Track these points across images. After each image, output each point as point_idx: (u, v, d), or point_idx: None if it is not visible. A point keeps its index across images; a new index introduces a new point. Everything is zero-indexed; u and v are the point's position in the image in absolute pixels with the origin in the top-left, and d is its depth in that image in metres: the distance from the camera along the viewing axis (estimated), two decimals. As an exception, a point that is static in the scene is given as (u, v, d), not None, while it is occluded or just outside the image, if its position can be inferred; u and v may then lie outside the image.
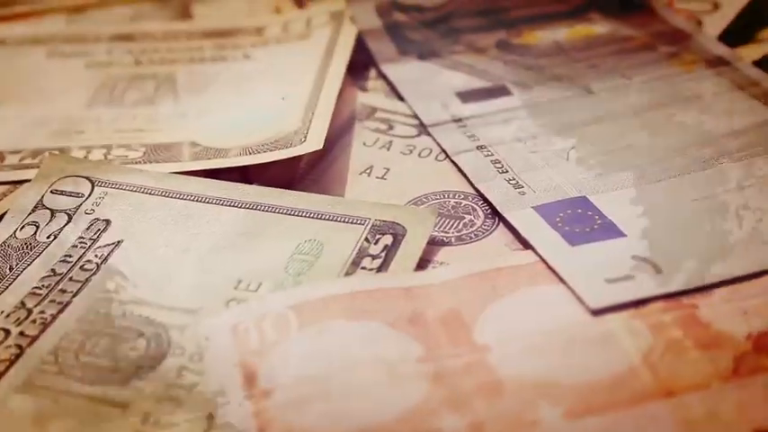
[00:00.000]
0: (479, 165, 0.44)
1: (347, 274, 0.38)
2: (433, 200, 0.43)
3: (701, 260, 0.37)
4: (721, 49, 0.52)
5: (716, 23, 0.54)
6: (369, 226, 0.40)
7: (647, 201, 0.41)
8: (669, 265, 0.37)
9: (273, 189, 0.43)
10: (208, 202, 0.42)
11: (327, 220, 0.41)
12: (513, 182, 0.42)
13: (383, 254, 0.39)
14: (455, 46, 0.53)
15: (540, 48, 0.53)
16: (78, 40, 0.58)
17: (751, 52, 0.52)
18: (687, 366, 0.33)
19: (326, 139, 0.45)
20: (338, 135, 0.47)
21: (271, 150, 0.44)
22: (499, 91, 0.49)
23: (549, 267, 0.37)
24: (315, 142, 0.44)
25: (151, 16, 0.61)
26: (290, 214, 0.41)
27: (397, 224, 0.40)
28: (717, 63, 0.50)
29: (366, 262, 0.38)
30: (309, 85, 0.49)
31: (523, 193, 0.42)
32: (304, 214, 0.41)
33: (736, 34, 0.55)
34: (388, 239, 0.39)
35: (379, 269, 0.38)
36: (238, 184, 0.43)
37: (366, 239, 0.39)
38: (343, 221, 0.40)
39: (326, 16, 0.56)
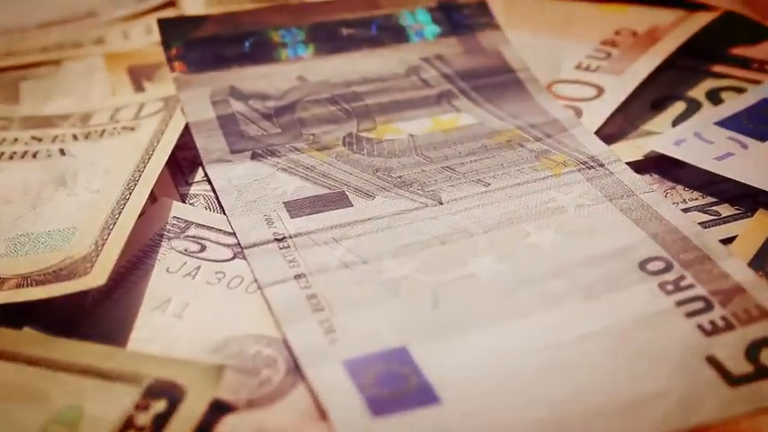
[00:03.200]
0: (292, 300, 0.38)
1: (104, 454, 0.32)
2: (231, 347, 0.37)
3: (522, 440, 0.32)
4: (597, 148, 0.46)
5: (597, 113, 0.49)
6: (143, 387, 0.35)
7: (479, 352, 0.36)
8: (485, 447, 0.31)
9: (42, 336, 0.38)
10: (-35, 351, 0.37)
11: (97, 377, 0.35)
12: (327, 324, 0.37)
13: (152, 425, 0.33)
14: (297, 142, 0.47)
15: (393, 144, 0.47)
16: None
17: (631, 150, 0.47)
18: None
19: (124, 265, 0.40)
20: (139, 259, 0.41)
21: (51, 282, 0.39)
22: (336, 201, 0.44)
23: (343, 448, 0.32)
24: (99, 275, 0.38)
25: (-25, 97, 0.56)
26: (56, 369, 0.36)
27: (177, 385, 0.34)
28: (590, 165, 0.45)
29: (130, 436, 0.33)
30: (114, 196, 0.43)
31: (334, 341, 0.36)
32: (72, 370, 0.35)
33: (620, 126, 0.50)
34: (161, 406, 0.34)
35: (144, 446, 0.33)
36: (3, 329, 0.37)
37: (137, 405, 0.34)
38: (115, 380, 0.35)
39: (161, 103, 0.51)
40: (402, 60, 0.52)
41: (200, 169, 0.47)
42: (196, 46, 0.51)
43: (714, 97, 0.51)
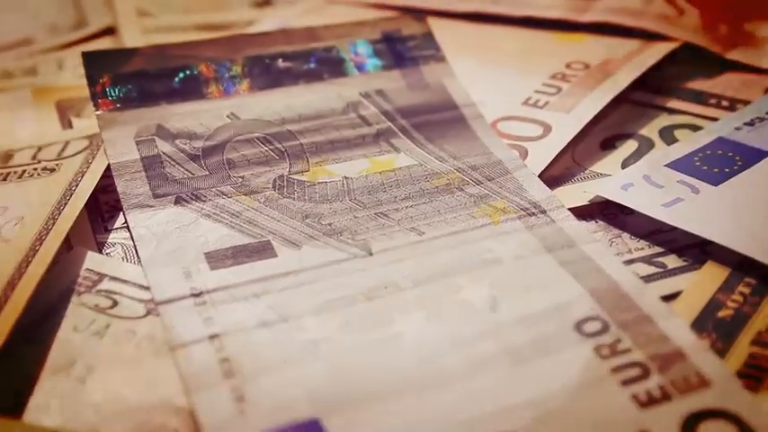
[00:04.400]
0: (203, 364, 0.36)
1: None
2: (136, 417, 0.35)
3: None
4: (540, 193, 0.44)
5: (543, 153, 0.47)
6: (34, 464, 0.32)
7: (397, 426, 0.33)
8: None
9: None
10: None
11: (-15, 453, 0.33)
12: (238, 393, 0.35)
13: (40, 508, 0.31)
14: (224, 185, 0.45)
15: (326, 188, 0.45)
16: None
17: (577, 194, 0.45)
18: None
19: (28, 322, 0.38)
20: (45, 315, 0.39)
21: (-53, 344, 0.36)
22: (260, 251, 0.41)
23: None
24: (-4, 337, 0.36)
25: None
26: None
27: (69, 462, 0.32)
28: (531, 211, 0.43)
29: None
30: (25, 246, 0.41)
31: (243, 412, 0.34)
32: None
33: (567, 167, 0.47)
34: (50, 486, 0.31)
35: None
36: None
37: (24, 486, 0.31)
38: (4, 457, 0.32)
39: (85, 141, 0.48)
40: (341, 96, 0.50)
41: (121, 215, 0.45)
42: (123, 81, 0.49)
43: (667, 135, 0.49)
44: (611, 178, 0.45)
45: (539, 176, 0.46)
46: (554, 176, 0.46)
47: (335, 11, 0.63)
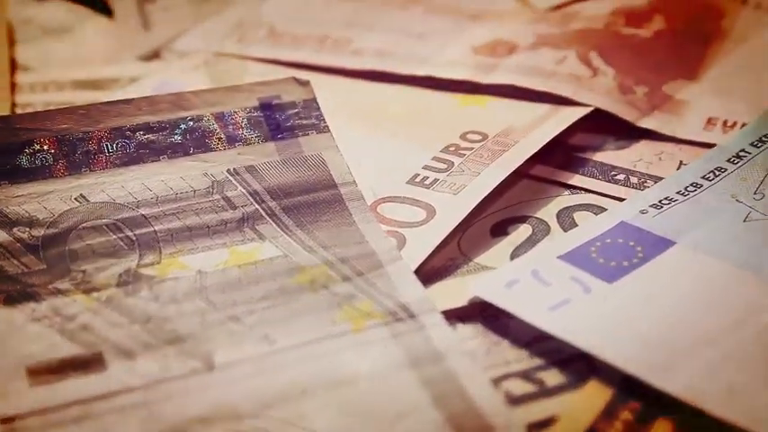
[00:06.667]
0: None
1: None
2: None
3: None
4: (412, 292, 0.40)
5: (423, 242, 0.43)
6: None
7: None
8: None
9: None
10: None
11: None
12: None
13: None
14: (62, 281, 0.41)
15: (176, 285, 0.41)
16: None
17: (458, 291, 0.41)
18: None
19: None
20: None
21: None
22: (88, 364, 0.37)
23: None
24: None
25: None
26: None
27: None
28: (399, 316, 0.39)
29: None
30: None
31: None
32: None
33: (450, 257, 0.43)
34: None
35: None
36: None
37: None
38: None
39: None
40: (206, 174, 0.46)
41: (-55, 317, 0.41)
42: (-38, 159, 0.45)
43: (566, 219, 0.45)
44: (494, 274, 0.41)
45: (417, 269, 0.42)
46: (435, 269, 0.42)
47: (226, 65, 0.59)
